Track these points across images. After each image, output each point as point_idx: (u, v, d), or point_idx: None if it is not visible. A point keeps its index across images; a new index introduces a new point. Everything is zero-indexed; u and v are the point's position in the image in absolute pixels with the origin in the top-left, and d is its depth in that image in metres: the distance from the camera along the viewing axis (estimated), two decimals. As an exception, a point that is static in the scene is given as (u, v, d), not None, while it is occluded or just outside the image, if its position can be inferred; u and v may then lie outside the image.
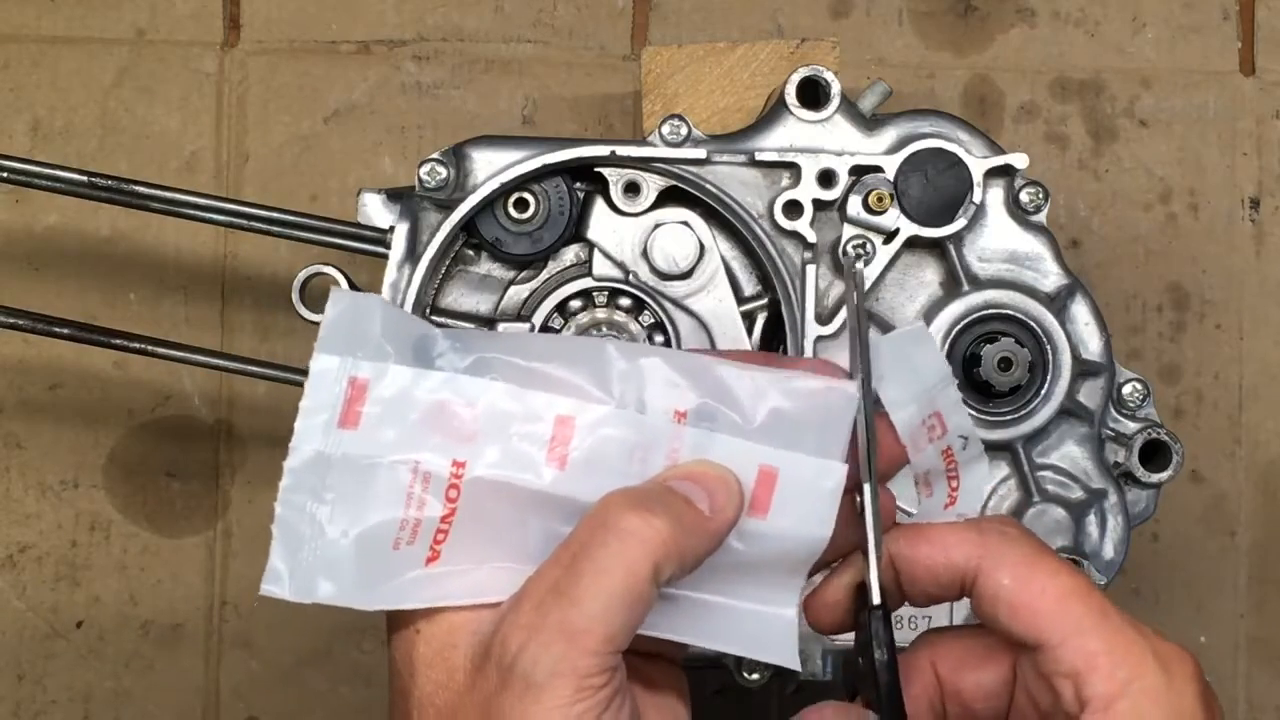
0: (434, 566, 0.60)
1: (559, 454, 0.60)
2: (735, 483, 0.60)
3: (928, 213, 0.81)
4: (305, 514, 0.60)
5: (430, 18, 1.07)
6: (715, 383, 0.62)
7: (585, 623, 0.55)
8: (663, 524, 0.57)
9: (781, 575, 0.62)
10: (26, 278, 1.04)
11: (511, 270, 0.84)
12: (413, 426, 0.60)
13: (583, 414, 0.60)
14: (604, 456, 0.60)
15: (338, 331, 0.61)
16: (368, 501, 0.60)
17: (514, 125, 1.06)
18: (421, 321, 0.63)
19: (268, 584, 0.60)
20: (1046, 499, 0.81)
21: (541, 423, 0.60)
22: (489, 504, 0.60)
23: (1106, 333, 0.83)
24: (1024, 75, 1.08)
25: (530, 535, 0.61)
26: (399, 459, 0.60)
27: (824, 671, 0.81)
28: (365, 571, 0.60)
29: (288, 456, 0.60)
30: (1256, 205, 1.07)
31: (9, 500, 1.04)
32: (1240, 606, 1.07)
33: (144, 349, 0.85)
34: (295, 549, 0.60)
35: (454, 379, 0.61)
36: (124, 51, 1.06)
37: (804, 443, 0.61)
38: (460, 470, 0.60)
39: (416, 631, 0.59)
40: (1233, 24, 1.09)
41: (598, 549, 0.56)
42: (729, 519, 0.59)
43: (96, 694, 1.04)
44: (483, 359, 0.62)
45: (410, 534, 0.60)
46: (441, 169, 0.81)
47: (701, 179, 0.81)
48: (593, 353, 0.62)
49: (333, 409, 0.60)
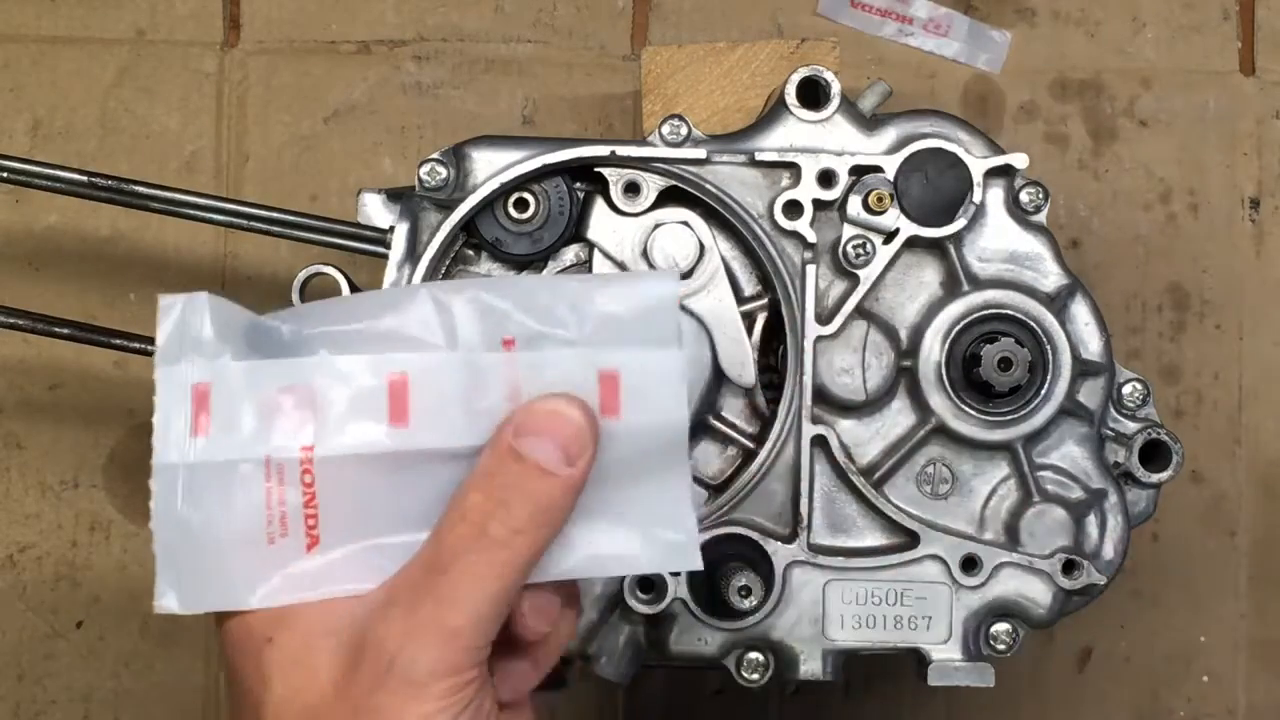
0: (316, 552, 0.61)
1: (400, 410, 0.60)
2: (580, 415, 0.60)
3: (928, 213, 0.81)
4: (178, 528, 0.61)
5: (430, 18, 1.07)
6: (534, 302, 0.62)
7: (460, 622, 0.58)
8: (525, 519, 0.58)
9: (657, 468, 0.62)
10: (26, 278, 1.04)
11: (511, 270, 0.83)
12: (257, 420, 0.60)
13: (414, 365, 0.61)
14: (444, 402, 0.60)
15: (173, 339, 0.62)
16: (232, 503, 0.60)
17: (514, 125, 1.06)
18: (248, 311, 0.64)
19: (158, 602, 0.61)
20: (1046, 499, 0.81)
21: (376, 384, 0.60)
22: (346, 479, 0.61)
23: (1106, 333, 0.83)
24: (1024, 75, 1.08)
25: (400, 499, 0.61)
26: (250, 455, 0.60)
27: (824, 671, 0.81)
28: (247, 571, 0.61)
29: (151, 475, 0.60)
30: (1256, 205, 1.07)
31: (9, 500, 1.04)
32: (1240, 606, 1.07)
33: (144, 349, 0.85)
34: (176, 564, 0.61)
35: (285, 363, 0.61)
36: (124, 51, 1.06)
37: (636, 338, 0.61)
38: (309, 453, 0.60)
39: (268, 640, 0.60)
40: (1233, 24, 1.09)
41: (465, 555, 0.58)
42: (588, 460, 0.60)
43: (96, 694, 1.04)
44: (310, 334, 0.62)
45: (280, 526, 0.61)
46: (441, 169, 0.81)
47: (701, 179, 0.81)
48: (412, 301, 0.62)
49: (183, 419, 0.61)
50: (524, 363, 0.61)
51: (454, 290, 0.62)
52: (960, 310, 0.82)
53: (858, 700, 1.05)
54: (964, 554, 0.81)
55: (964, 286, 0.82)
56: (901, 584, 0.81)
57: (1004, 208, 0.83)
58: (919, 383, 0.81)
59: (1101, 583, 0.81)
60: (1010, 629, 0.81)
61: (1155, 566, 1.06)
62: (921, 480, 0.82)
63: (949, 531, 0.81)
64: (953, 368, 0.81)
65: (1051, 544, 0.81)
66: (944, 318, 0.82)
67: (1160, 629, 1.07)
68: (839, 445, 0.81)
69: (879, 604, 0.81)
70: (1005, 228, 0.83)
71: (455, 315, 0.61)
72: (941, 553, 0.81)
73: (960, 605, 0.81)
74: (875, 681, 1.03)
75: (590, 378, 0.61)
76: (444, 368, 0.61)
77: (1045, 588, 0.81)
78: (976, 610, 0.81)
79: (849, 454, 0.82)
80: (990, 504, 0.82)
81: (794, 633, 0.80)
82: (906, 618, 0.81)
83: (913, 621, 0.81)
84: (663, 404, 0.61)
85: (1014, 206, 0.83)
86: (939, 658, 0.81)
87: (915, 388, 0.82)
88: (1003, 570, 0.81)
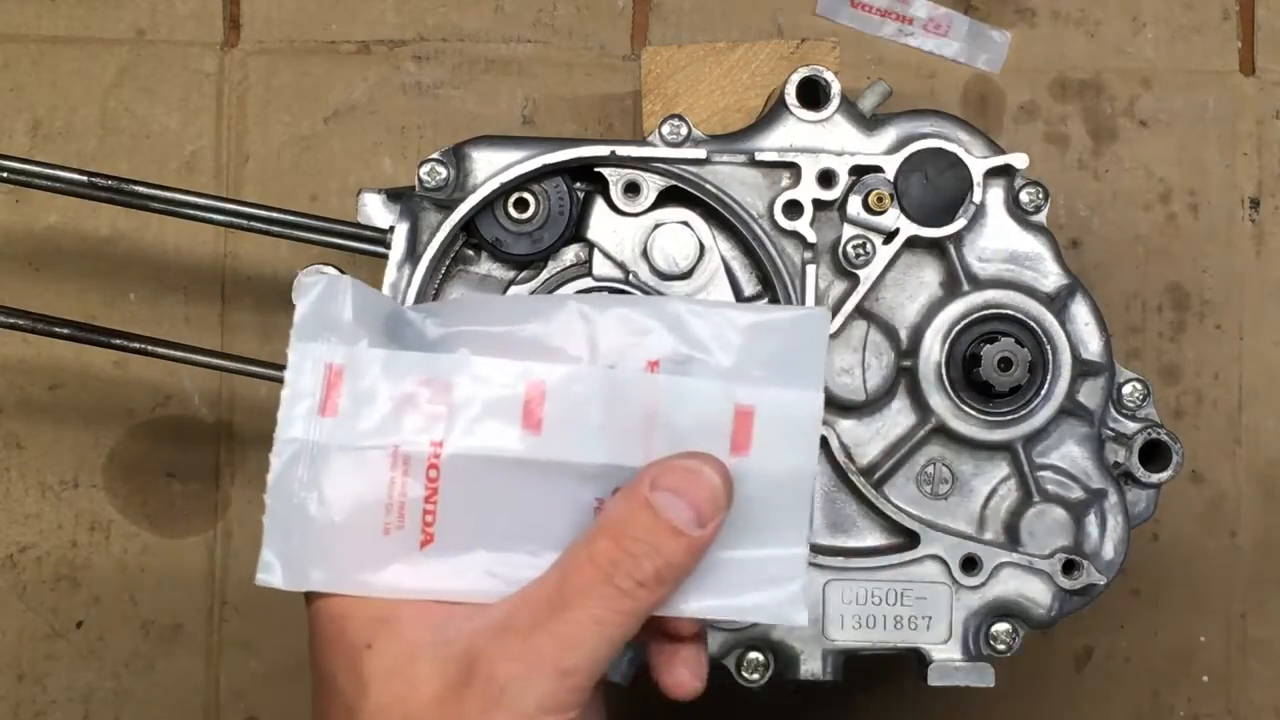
0: (429, 549, 0.60)
1: (534, 418, 0.60)
2: (718, 479, 0.60)
3: (928, 213, 0.81)
4: (293, 503, 0.60)
5: (430, 18, 1.07)
6: (683, 326, 0.62)
7: (574, 663, 0.58)
8: (650, 574, 0.58)
9: (776, 514, 0.62)
10: (26, 278, 1.04)
11: (511, 270, 0.84)
12: (389, 409, 0.60)
13: (554, 375, 0.60)
14: (579, 415, 0.60)
15: (311, 317, 0.61)
16: (352, 487, 0.60)
17: (514, 125, 1.06)
18: (391, 300, 0.63)
19: (261, 574, 0.61)
20: (1046, 499, 0.81)
21: (514, 389, 0.60)
22: (471, 479, 0.60)
23: (1106, 333, 0.83)
24: (1024, 75, 1.08)
25: (519, 508, 0.61)
26: (378, 443, 0.60)
27: (824, 671, 0.81)
28: (357, 557, 0.60)
29: (273, 448, 0.60)
30: (1256, 205, 1.07)
31: (9, 500, 1.04)
32: (1240, 606, 1.07)
33: (144, 349, 0.85)
34: (285, 539, 0.60)
35: (426, 357, 0.61)
36: (124, 51, 1.06)
37: (778, 376, 0.61)
38: (438, 449, 0.60)
39: (367, 645, 0.60)
40: (1233, 24, 1.09)
41: (588, 598, 0.58)
42: (719, 524, 0.60)
43: (96, 694, 1.04)
44: (452, 332, 0.62)
45: (398, 517, 0.60)
46: (441, 169, 0.81)
47: (701, 179, 0.81)
48: (558, 310, 0.62)
49: (313, 397, 0.60)
50: (665, 388, 0.60)
51: (601, 305, 0.62)
52: (960, 310, 0.82)
53: (858, 700, 1.05)
54: (964, 554, 0.81)
55: (964, 286, 0.82)
56: (902, 584, 0.81)
57: (1004, 208, 0.83)
58: (919, 383, 0.81)
59: (1101, 583, 0.81)
60: (1010, 629, 0.81)
61: (1155, 566, 1.06)
62: (921, 480, 0.82)
63: (949, 531, 0.81)
64: (953, 368, 0.82)
65: (1051, 544, 0.81)
66: (944, 318, 0.82)
67: (1160, 629, 1.07)
68: (839, 445, 0.81)
69: (879, 604, 0.81)
70: (1005, 228, 0.83)
71: (600, 330, 0.61)
72: (942, 553, 0.81)
73: (960, 605, 0.81)
74: (875, 681, 1.03)
75: (727, 411, 0.60)
76: (583, 381, 0.60)
77: (1045, 587, 0.81)
78: (977, 610, 0.81)
79: (849, 454, 0.82)
80: (990, 504, 0.82)
81: (794, 633, 0.80)
82: (906, 618, 0.81)
83: (913, 621, 0.81)
84: (794, 449, 0.61)
85: (1014, 206, 0.83)
86: (939, 658, 0.81)
87: (915, 388, 0.82)
88: (1003, 570, 0.81)
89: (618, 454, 0.60)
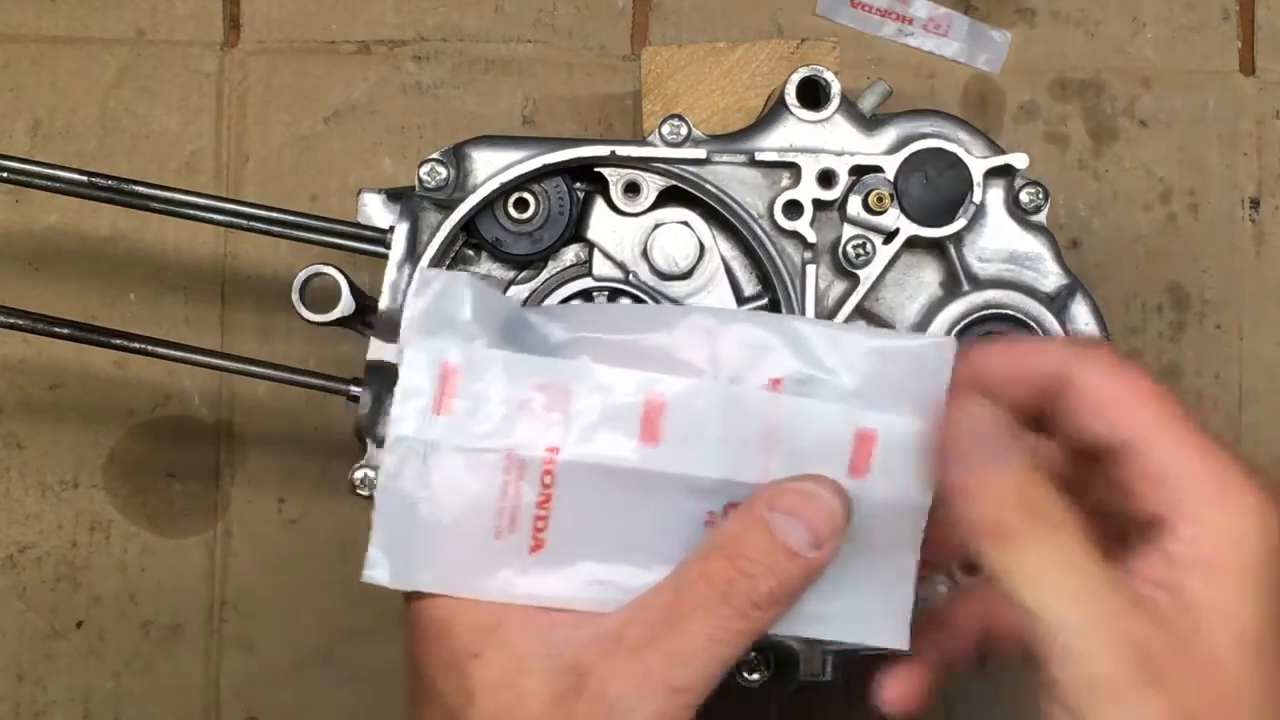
0: (539, 555, 0.60)
1: (652, 430, 0.59)
2: (836, 502, 0.59)
3: (928, 213, 0.81)
4: (404, 502, 0.59)
5: (430, 18, 1.07)
6: (806, 346, 0.61)
7: (686, 681, 0.57)
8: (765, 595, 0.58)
9: (887, 538, 0.61)
10: (26, 278, 1.04)
11: (511, 270, 0.84)
12: (505, 411, 0.59)
13: (675, 388, 0.59)
14: (698, 429, 0.59)
15: (428, 314, 0.60)
16: (465, 489, 0.59)
17: (514, 125, 1.06)
18: (510, 300, 0.63)
19: (368, 571, 0.60)
20: (1046, 499, 0.81)
21: (633, 400, 0.59)
22: (584, 488, 0.60)
23: (1106, 333, 0.83)
24: (1024, 75, 1.08)
25: (629, 519, 0.60)
26: (493, 445, 0.59)
27: (824, 671, 0.81)
28: (466, 560, 0.59)
29: (386, 443, 0.59)
30: (1256, 205, 1.07)
31: (9, 500, 1.04)
32: (1240, 606, 1.06)
33: (144, 349, 0.85)
34: (394, 536, 0.59)
35: (545, 362, 0.60)
36: (124, 51, 1.06)
37: (901, 403, 0.60)
38: (553, 455, 0.59)
39: (474, 655, 0.59)
40: (1233, 24, 1.09)
41: (703, 617, 0.58)
42: (835, 546, 0.59)
43: (96, 694, 1.04)
44: (573, 338, 0.61)
45: (509, 522, 0.59)
46: (441, 169, 0.81)
47: (701, 179, 0.81)
48: (682, 321, 0.61)
49: (428, 395, 0.59)
50: (787, 408, 0.60)
51: (726, 318, 0.61)
52: (960, 310, 0.82)
53: (858, 700, 1.05)
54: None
55: (964, 286, 0.82)
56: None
57: (1004, 208, 0.83)
58: (919, 383, 0.81)
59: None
60: (1010, 629, 0.81)
61: (1155, 566, 1.06)
62: (921, 480, 0.82)
63: (949, 531, 0.81)
64: (953, 368, 0.81)
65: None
66: (944, 317, 0.82)
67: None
68: (839, 445, 0.81)
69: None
70: (1005, 228, 0.83)
71: (724, 343, 0.60)
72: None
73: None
74: (875, 681, 1.03)
75: (847, 434, 0.60)
76: (704, 395, 0.60)
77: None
78: (976, 610, 0.81)
79: (849, 454, 0.82)
80: (990, 504, 0.82)
81: (794, 633, 0.80)
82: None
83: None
84: (911, 475, 0.60)
85: (1014, 206, 0.83)
86: (939, 658, 0.81)
87: (915, 388, 0.82)
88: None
89: (734, 469, 0.60)
